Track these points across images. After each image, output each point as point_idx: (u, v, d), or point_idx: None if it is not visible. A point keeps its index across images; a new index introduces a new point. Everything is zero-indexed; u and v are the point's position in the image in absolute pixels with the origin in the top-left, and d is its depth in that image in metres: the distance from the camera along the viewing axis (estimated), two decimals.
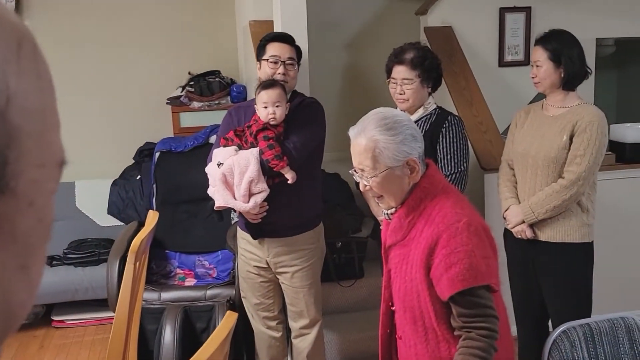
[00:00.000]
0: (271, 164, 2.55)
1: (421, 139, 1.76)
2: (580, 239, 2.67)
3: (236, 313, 1.40)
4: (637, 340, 1.88)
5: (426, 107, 2.81)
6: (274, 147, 2.56)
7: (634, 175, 3.87)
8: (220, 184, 2.56)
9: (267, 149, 2.55)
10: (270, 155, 2.55)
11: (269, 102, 2.58)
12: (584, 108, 2.66)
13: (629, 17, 4.16)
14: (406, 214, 1.75)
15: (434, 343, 1.74)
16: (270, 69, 2.70)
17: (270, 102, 2.58)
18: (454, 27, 4.00)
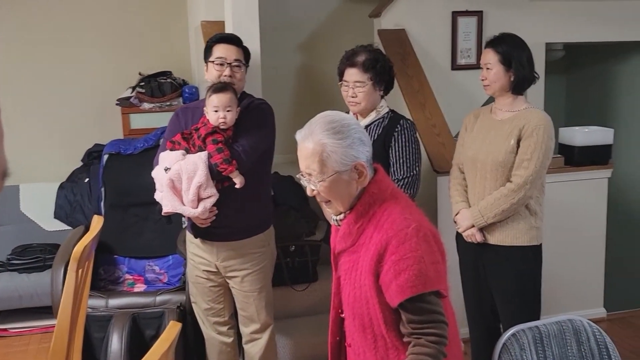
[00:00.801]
0: (220, 168, 2.51)
1: (369, 143, 1.74)
2: (528, 241, 2.70)
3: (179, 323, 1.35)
4: (584, 342, 1.90)
5: (378, 111, 2.80)
6: (223, 151, 2.52)
7: (583, 178, 3.95)
8: (168, 189, 2.51)
9: (215, 152, 2.51)
10: (219, 159, 2.51)
11: (219, 106, 2.54)
12: (530, 112, 2.69)
13: (578, 23, 4.25)
14: (355, 220, 1.72)
15: (383, 350, 1.72)
16: (216, 71, 2.66)
17: (221, 107, 2.54)
18: (408, 30, 4.01)
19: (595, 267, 4.07)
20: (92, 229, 2.47)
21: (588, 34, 4.31)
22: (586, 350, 1.89)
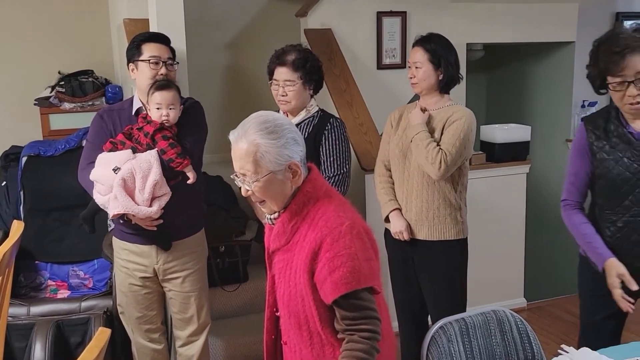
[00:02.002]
0: (175, 162, 2.50)
1: (302, 142, 1.75)
2: (455, 235, 2.78)
3: (109, 329, 1.32)
4: (507, 332, 1.98)
5: (308, 110, 2.82)
6: (176, 146, 2.52)
7: (503, 174, 4.11)
8: (120, 189, 2.44)
9: (169, 147, 2.50)
10: (173, 154, 2.50)
11: (162, 104, 2.52)
12: (454, 108, 2.77)
13: (497, 24, 4.41)
14: (289, 218, 1.73)
15: (319, 347, 1.74)
16: (151, 70, 2.61)
17: (164, 104, 2.52)
18: (334, 29, 4.05)
19: (515, 260, 4.24)
20: (11, 234, 2.37)
21: (506, 35, 4.47)
22: (509, 339, 1.97)
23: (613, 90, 2.22)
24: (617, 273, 2.19)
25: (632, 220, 2.26)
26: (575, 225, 2.38)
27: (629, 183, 2.24)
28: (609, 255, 2.24)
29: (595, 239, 2.30)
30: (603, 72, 2.22)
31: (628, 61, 2.14)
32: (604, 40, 2.23)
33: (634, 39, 2.15)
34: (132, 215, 2.47)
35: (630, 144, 2.24)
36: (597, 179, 2.33)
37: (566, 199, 2.43)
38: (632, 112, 2.23)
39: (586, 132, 2.34)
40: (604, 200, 2.33)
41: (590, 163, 2.34)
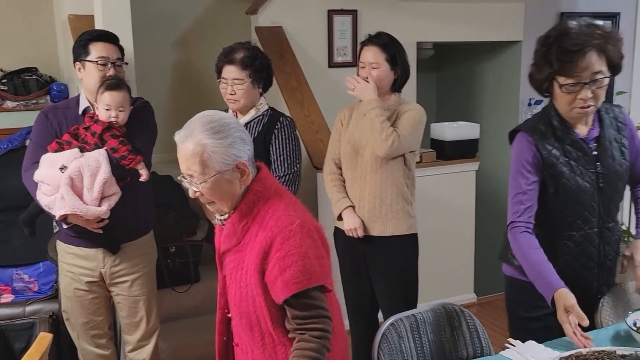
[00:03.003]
0: (127, 159, 2.46)
1: (250, 141, 1.73)
2: (407, 230, 2.81)
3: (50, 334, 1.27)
4: (457, 327, 2.01)
5: (258, 108, 2.80)
6: (127, 144, 2.47)
7: (453, 171, 4.17)
8: (68, 189, 2.37)
9: (120, 145, 2.46)
10: (125, 151, 2.46)
11: (112, 105, 2.47)
12: (405, 104, 2.80)
13: (446, 23, 4.46)
14: (239, 219, 1.72)
15: (271, 347, 1.73)
16: (99, 71, 2.54)
17: (113, 106, 2.47)
18: (285, 27, 4.03)
19: (465, 255, 4.32)
20: None
21: (455, 34, 4.54)
22: (459, 333, 2.00)
23: (564, 93, 2.00)
24: (565, 305, 1.88)
25: (589, 232, 2.10)
26: (524, 251, 2.06)
27: (587, 193, 2.07)
28: (560, 285, 1.94)
29: (546, 267, 2.00)
30: (555, 73, 2.00)
31: (587, 60, 1.93)
32: (555, 37, 1.99)
33: (590, 36, 1.94)
34: (79, 215, 2.41)
35: (583, 151, 2.08)
36: (553, 193, 2.09)
37: (514, 222, 2.10)
38: (580, 115, 2.05)
39: (535, 144, 2.07)
40: (561, 214, 2.10)
41: (541, 177, 2.08)
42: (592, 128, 2.10)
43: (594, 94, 1.97)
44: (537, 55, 2.06)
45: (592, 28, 1.96)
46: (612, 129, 2.13)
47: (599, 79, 1.95)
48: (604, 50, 1.94)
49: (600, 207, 2.10)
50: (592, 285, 2.12)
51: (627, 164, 2.13)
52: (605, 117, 2.13)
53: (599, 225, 2.11)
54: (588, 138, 2.09)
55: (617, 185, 2.12)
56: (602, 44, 1.94)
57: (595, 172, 2.08)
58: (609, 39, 1.96)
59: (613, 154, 2.10)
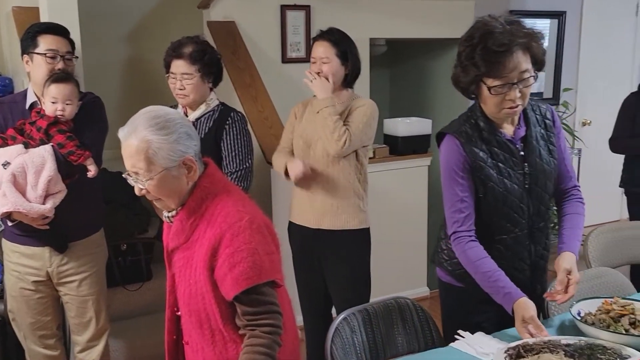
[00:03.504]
0: (75, 155, 2.40)
1: (197, 137, 1.71)
2: (358, 225, 2.82)
3: None
4: (408, 320, 2.03)
5: (208, 103, 2.78)
6: (74, 139, 2.42)
7: (406, 166, 4.22)
8: (10, 185, 2.30)
9: (67, 140, 2.40)
10: (73, 147, 2.40)
11: (59, 98, 2.40)
12: (357, 100, 2.82)
13: (398, 20, 4.50)
14: (187, 216, 1.70)
15: (221, 345, 1.72)
16: (48, 64, 2.48)
17: (60, 99, 2.41)
18: (238, 22, 3.99)
19: (418, 249, 4.37)
20: None
21: (408, 31, 4.58)
22: (410, 327, 2.02)
23: (493, 95, 1.91)
24: (523, 316, 1.86)
25: (520, 235, 2.05)
26: (474, 263, 1.99)
27: (515, 195, 2.02)
28: (519, 295, 1.90)
29: (500, 276, 1.95)
30: (483, 75, 1.90)
31: (514, 60, 1.87)
32: (479, 38, 1.89)
33: (515, 35, 1.88)
34: (23, 213, 2.34)
35: (510, 152, 2.02)
36: (482, 197, 2.01)
37: (456, 232, 2.02)
38: (508, 116, 1.98)
39: (463, 147, 1.99)
40: (492, 218, 2.04)
41: (472, 181, 2.01)
42: (518, 127, 2.04)
43: (522, 93, 1.91)
44: (461, 57, 1.96)
45: (516, 26, 1.90)
46: (539, 126, 2.08)
47: (526, 78, 1.90)
48: (529, 48, 1.90)
49: (530, 208, 2.05)
50: (525, 285, 2.03)
51: (555, 163, 2.08)
52: (531, 115, 2.07)
53: (529, 227, 2.06)
54: (515, 138, 2.03)
55: (545, 185, 2.07)
56: (527, 42, 1.89)
57: (523, 173, 2.02)
58: (532, 36, 1.91)
59: (541, 152, 2.05)
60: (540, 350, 1.71)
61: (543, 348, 1.72)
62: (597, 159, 5.36)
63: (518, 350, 1.72)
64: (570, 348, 1.73)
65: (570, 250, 2.01)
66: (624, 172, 3.84)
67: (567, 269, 1.94)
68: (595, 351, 1.72)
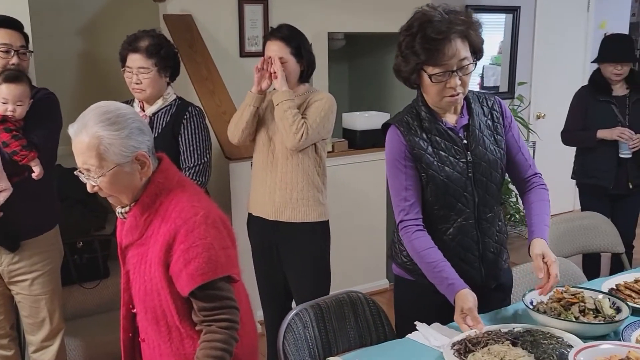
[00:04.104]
0: (19, 155, 2.35)
1: (149, 132, 1.70)
2: (318, 217, 2.83)
3: None
4: (360, 314, 2.04)
5: (165, 98, 2.76)
6: (20, 138, 2.36)
7: (365, 160, 4.25)
8: None
9: (12, 140, 2.34)
10: (17, 146, 2.34)
11: (9, 99, 2.36)
12: (315, 93, 2.83)
13: (357, 14, 4.52)
14: (141, 212, 1.68)
15: (178, 341, 1.71)
16: (1, 59, 2.43)
17: (11, 100, 2.37)
18: (194, 16, 3.96)
19: (378, 242, 4.41)
20: None
21: (365, 25, 4.60)
22: (362, 320, 2.04)
23: (434, 83, 1.93)
24: (462, 308, 1.87)
25: (464, 224, 2.04)
26: (419, 252, 2.00)
27: (458, 184, 2.01)
28: (461, 286, 1.92)
29: (445, 267, 1.96)
30: (423, 63, 1.92)
31: (453, 47, 1.88)
32: (418, 26, 1.90)
33: (453, 23, 1.89)
34: None
35: (452, 140, 2.02)
36: (426, 185, 2.03)
37: (403, 221, 2.03)
38: (450, 104, 2.00)
39: (403, 137, 2.01)
40: (434, 207, 2.05)
41: (416, 170, 2.02)
42: (461, 117, 2.05)
43: (462, 81, 1.93)
44: (401, 47, 1.96)
45: (454, 15, 1.92)
46: (484, 117, 2.08)
47: (465, 66, 1.92)
48: (467, 36, 1.91)
49: (475, 197, 2.04)
50: (475, 279, 2.04)
51: (502, 152, 2.07)
52: (475, 105, 2.07)
53: (476, 217, 2.05)
54: (457, 127, 2.04)
55: (491, 174, 2.05)
56: (465, 30, 1.90)
57: (466, 162, 2.02)
58: (470, 24, 1.93)
59: (484, 142, 2.04)
60: (487, 342, 1.72)
61: (489, 340, 1.73)
62: (551, 151, 5.47)
63: (465, 344, 1.72)
64: (511, 336, 1.76)
65: (538, 236, 2.00)
66: (575, 164, 3.94)
67: (539, 254, 1.93)
68: (537, 337, 1.75)
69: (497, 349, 1.68)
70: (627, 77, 3.71)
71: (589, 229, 3.17)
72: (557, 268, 1.90)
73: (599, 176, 3.74)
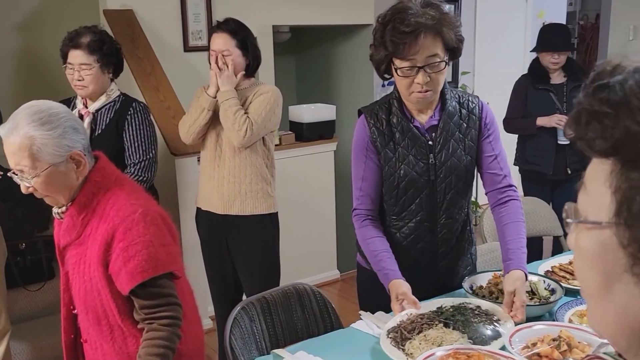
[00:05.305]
0: None
1: (84, 130, 1.68)
2: (267, 209, 2.85)
3: None
4: (307, 305, 2.06)
5: (109, 94, 2.74)
6: None
7: (312, 152, 4.27)
8: None
9: None
10: None
11: None
12: (260, 86, 2.83)
13: (301, 7, 4.52)
14: (78, 211, 1.67)
15: (121, 340, 1.71)
16: None
17: None
18: (136, 10, 3.89)
19: (328, 234, 4.45)
20: None
21: (310, 18, 4.60)
22: (309, 312, 2.06)
23: (401, 77, 1.88)
24: (396, 294, 1.85)
25: (418, 226, 2.00)
26: (364, 240, 2.00)
27: (415, 185, 1.96)
28: (395, 276, 1.89)
29: (384, 257, 1.94)
30: (390, 55, 1.87)
31: (421, 43, 1.81)
32: (390, 17, 1.85)
33: (426, 16, 1.81)
34: None
35: (415, 139, 1.95)
36: (384, 179, 2.00)
37: (356, 209, 2.04)
38: (419, 101, 1.93)
39: (369, 127, 1.98)
40: (390, 204, 2.02)
41: (378, 162, 2.00)
42: (432, 117, 1.97)
43: (431, 78, 1.85)
44: (375, 35, 1.91)
45: (428, 9, 1.83)
46: (458, 119, 1.98)
47: (434, 63, 1.84)
48: (439, 33, 1.83)
49: (432, 201, 1.98)
50: (427, 282, 2.00)
51: (469, 160, 1.99)
52: (452, 106, 1.99)
53: (432, 221, 2.00)
54: (424, 127, 1.97)
55: (452, 180, 1.98)
56: (437, 26, 1.82)
57: (427, 164, 1.96)
58: (444, 21, 1.84)
59: (451, 146, 1.96)
60: (422, 327, 1.73)
61: (423, 324, 1.74)
62: None
63: (400, 332, 1.72)
64: (442, 317, 1.78)
65: (517, 267, 1.88)
66: (517, 151, 4.05)
67: (510, 292, 1.82)
68: (467, 315, 1.78)
69: (433, 334, 1.70)
70: (565, 65, 3.82)
71: (530, 214, 3.27)
72: (522, 314, 1.79)
73: (539, 162, 3.85)
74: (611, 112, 0.60)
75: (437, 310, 1.84)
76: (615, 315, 0.62)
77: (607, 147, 0.61)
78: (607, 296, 0.62)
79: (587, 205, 0.65)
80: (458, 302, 1.89)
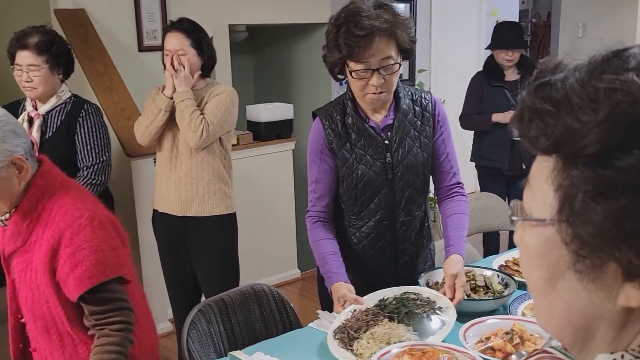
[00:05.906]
0: None
1: (25, 133, 1.63)
2: (225, 210, 2.83)
3: None
4: (265, 306, 2.05)
5: (59, 96, 2.70)
6: None
7: (270, 151, 4.26)
8: None
9: None
10: None
11: None
12: (216, 87, 2.81)
13: (258, 5, 4.49)
14: (22, 218, 1.62)
15: (71, 348, 1.67)
16: None
17: None
18: (88, 10, 3.82)
19: (288, 233, 4.44)
20: None
21: (266, 17, 4.58)
22: (267, 312, 2.05)
23: (355, 79, 1.87)
24: (337, 297, 1.86)
25: (378, 225, 2.01)
26: (314, 242, 2.01)
27: (373, 184, 1.97)
28: (337, 279, 1.90)
29: (330, 259, 1.95)
30: (345, 58, 1.86)
31: (375, 46, 1.81)
32: (344, 19, 1.83)
33: (379, 19, 1.81)
34: None
35: (371, 139, 1.96)
36: (342, 180, 2.01)
37: (309, 211, 2.06)
38: (373, 102, 1.93)
39: (324, 129, 1.98)
40: (348, 204, 2.02)
41: (334, 164, 2.00)
42: (386, 116, 1.99)
43: (385, 80, 1.87)
44: (328, 37, 1.90)
45: (383, 11, 1.83)
46: (412, 117, 2.00)
47: (388, 65, 1.85)
48: (393, 35, 1.84)
49: (391, 199, 1.99)
50: (387, 280, 2.00)
51: (425, 157, 2.01)
52: (406, 105, 2.00)
53: (391, 219, 2.01)
54: (380, 126, 1.98)
55: (410, 178, 2.00)
56: (391, 29, 1.83)
57: (385, 163, 1.97)
58: (397, 23, 1.84)
59: (407, 144, 1.98)
60: (367, 325, 1.73)
61: (368, 322, 1.74)
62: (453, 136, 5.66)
63: (347, 332, 1.71)
64: (386, 310, 1.78)
65: (456, 252, 1.93)
66: (473, 147, 4.11)
67: (454, 275, 1.86)
68: (410, 307, 1.78)
69: (380, 331, 1.69)
70: (518, 62, 3.89)
71: (485, 209, 3.32)
72: (462, 293, 1.85)
73: (494, 158, 3.91)
74: (552, 109, 0.60)
75: (380, 303, 1.85)
76: (560, 312, 0.63)
77: (548, 145, 0.61)
78: (552, 292, 0.63)
79: (532, 203, 0.65)
80: (400, 291, 1.90)
